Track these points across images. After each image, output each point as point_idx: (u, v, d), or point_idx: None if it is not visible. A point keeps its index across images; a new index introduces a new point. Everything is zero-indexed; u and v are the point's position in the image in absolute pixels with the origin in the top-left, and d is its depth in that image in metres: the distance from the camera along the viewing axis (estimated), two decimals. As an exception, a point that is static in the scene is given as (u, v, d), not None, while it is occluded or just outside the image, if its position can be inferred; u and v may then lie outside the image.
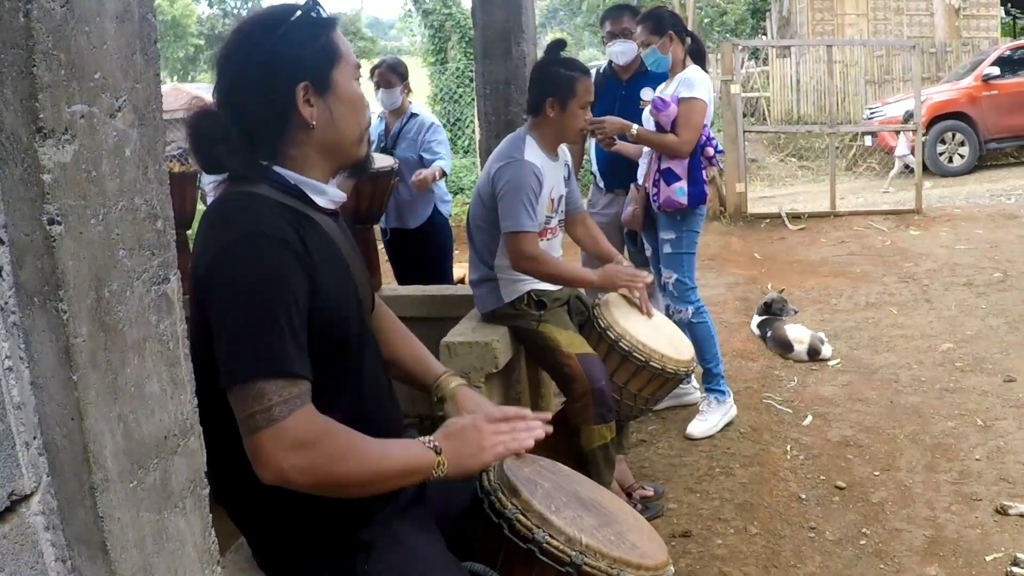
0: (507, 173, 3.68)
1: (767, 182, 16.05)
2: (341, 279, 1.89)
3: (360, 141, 1.95)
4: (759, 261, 8.99)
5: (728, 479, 4.19)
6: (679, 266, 4.73)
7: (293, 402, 1.68)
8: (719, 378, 4.82)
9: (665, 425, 4.92)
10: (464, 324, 4.01)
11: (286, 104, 1.82)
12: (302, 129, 1.85)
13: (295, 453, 1.67)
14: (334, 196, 1.95)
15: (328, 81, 1.84)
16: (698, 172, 4.58)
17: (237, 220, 1.78)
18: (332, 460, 1.71)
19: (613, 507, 2.18)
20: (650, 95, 4.98)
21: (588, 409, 3.69)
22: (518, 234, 3.66)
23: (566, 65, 3.75)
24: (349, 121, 1.89)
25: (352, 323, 1.90)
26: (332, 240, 1.90)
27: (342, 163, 1.97)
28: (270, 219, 1.77)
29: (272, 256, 1.72)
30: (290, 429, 1.67)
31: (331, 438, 1.72)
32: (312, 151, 1.88)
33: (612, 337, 3.69)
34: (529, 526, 1.91)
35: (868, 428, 4.76)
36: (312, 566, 1.90)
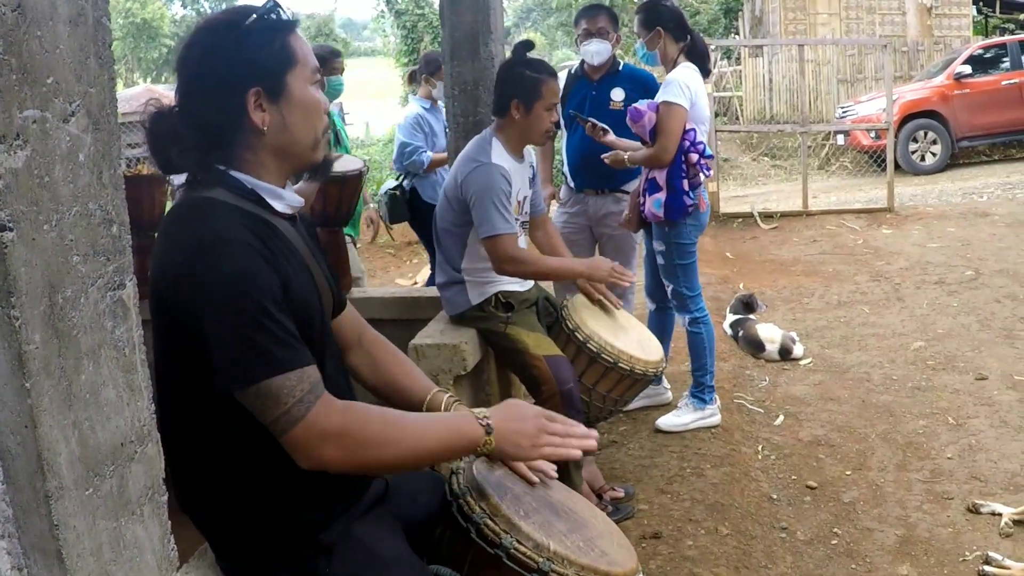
0: (476, 177, 3.66)
1: (740, 181, 16.10)
2: (303, 282, 1.87)
3: (315, 146, 1.92)
4: (731, 260, 9.02)
5: (699, 480, 4.19)
6: (673, 276, 4.70)
7: (308, 398, 1.69)
8: (705, 388, 4.80)
9: (636, 426, 4.91)
10: (432, 326, 3.99)
11: (238, 109, 1.80)
12: (254, 134, 1.83)
13: (330, 445, 1.71)
14: (291, 201, 1.93)
15: (281, 86, 1.83)
16: (678, 182, 4.45)
17: (196, 228, 1.76)
18: (367, 446, 1.74)
19: (584, 512, 2.17)
20: (621, 95, 4.97)
21: (556, 411, 3.66)
22: (496, 238, 3.65)
23: (531, 67, 3.74)
24: (302, 126, 1.87)
25: (315, 325, 1.89)
26: (291, 244, 1.89)
27: (298, 167, 1.95)
28: (228, 224, 1.75)
29: (240, 260, 1.70)
30: (318, 423, 1.69)
31: (361, 425, 1.75)
32: (266, 156, 1.87)
33: (580, 339, 3.69)
34: (497, 531, 1.90)
35: (840, 427, 4.78)
36: (274, 570, 1.88)
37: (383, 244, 11.02)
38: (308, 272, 1.91)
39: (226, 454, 1.83)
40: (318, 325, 1.91)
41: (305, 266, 1.91)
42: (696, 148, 4.48)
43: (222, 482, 1.84)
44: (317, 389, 1.72)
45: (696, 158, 4.47)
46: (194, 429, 1.83)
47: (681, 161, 4.46)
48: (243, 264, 1.70)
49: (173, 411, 1.83)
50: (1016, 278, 7.39)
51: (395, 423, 1.80)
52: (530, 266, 3.73)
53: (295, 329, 1.74)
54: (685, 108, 4.42)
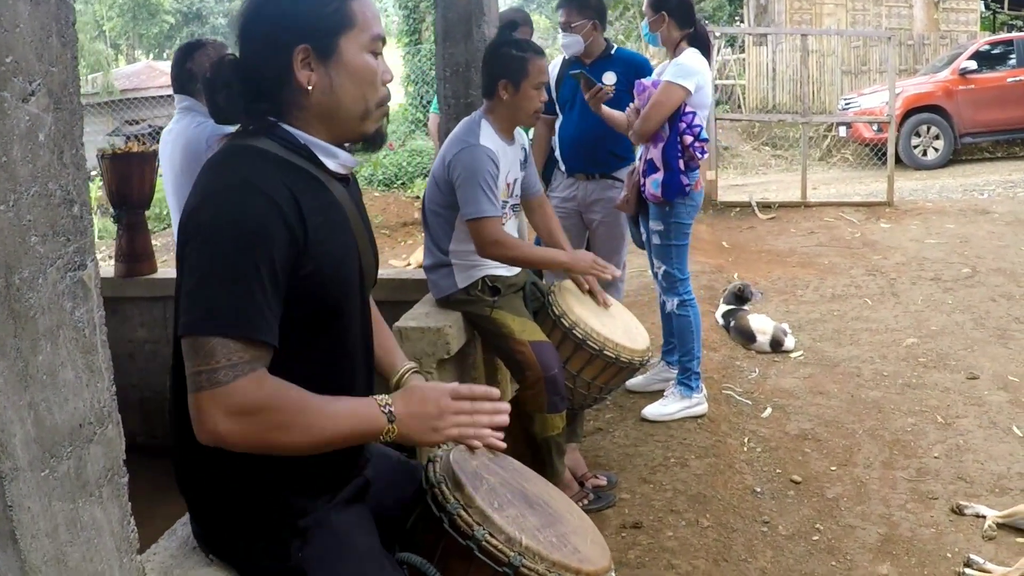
0: (463, 159, 3.64)
1: (740, 170, 16.06)
2: (345, 246, 1.85)
3: (364, 116, 1.86)
4: (727, 250, 8.99)
5: (683, 470, 4.17)
6: (667, 257, 4.69)
7: (241, 367, 1.63)
8: (692, 374, 4.79)
9: (623, 413, 4.90)
10: (418, 309, 3.96)
11: (285, 64, 1.77)
12: (301, 92, 1.80)
13: (233, 419, 1.64)
14: (345, 161, 1.90)
15: (332, 48, 1.79)
16: (674, 162, 4.45)
17: (229, 168, 1.75)
18: (271, 429, 1.68)
19: (559, 507, 2.15)
20: (612, 79, 4.95)
21: (540, 397, 3.67)
22: (480, 220, 3.62)
23: (518, 46, 3.71)
24: (350, 93, 1.82)
25: (350, 293, 1.87)
26: (340, 206, 1.86)
27: (345, 135, 1.90)
28: (263, 172, 1.72)
29: (255, 209, 1.67)
30: (232, 395, 1.63)
31: (274, 408, 1.68)
32: (311, 116, 1.83)
33: (566, 325, 3.67)
34: (469, 522, 1.88)
35: (827, 422, 4.77)
36: (249, 547, 1.87)
37: (378, 224, 10.98)
38: (353, 237, 1.89)
39: None
40: (350, 292, 1.88)
41: (351, 231, 1.88)
42: (692, 131, 4.48)
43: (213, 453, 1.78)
44: (256, 363, 1.66)
45: (691, 140, 4.47)
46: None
47: (676, 142, 4.46)
48: (255, 216, 1.67)
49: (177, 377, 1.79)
50: (1013, 277, 7.36)
51: (308, 408, 1.73)
52: (513, 251, 3.70)
53: (277, 300, 1.69)
54: (686, 91, 4.43)
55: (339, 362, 1.92)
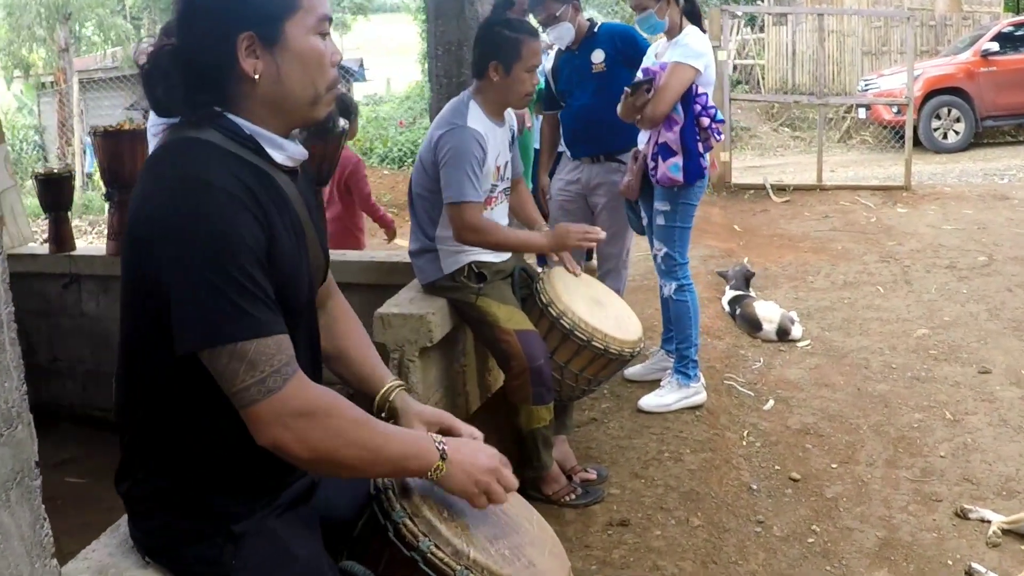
0: (449, 140, 3.49)
1: (758, 151, 15.81)
2: (296, 243, 1.74)
3: (314, 102, 1.75)
4: (738, 234, 8.78)
5: (676, 465, 4.00)
6: (670, 240, 4.52)
7: (284, 371, 1.58)
8: (689, 362, 4.61)
9: (619, 403, 4.73)
10: (403, 295, 3.81)
11: (229, 53, 1.66)
12: (246, 81, 1.69)
13: (297, 422, 1.59)
14: (293, 153, 1.78)
15: (277, 33, 1.67)
16: (693, 145, 4.30)
17: (180, 169, 1.62)
18: (332, 434, 1.63)
19: (518, 515, 2.00)
20: (600, 57, 4.81)
21: (526, 388, 3.52)
22: (460, 204, 3.47)
23: (511, 26, 3.53)
24: (298, 79, 1.71)
25: (302, 291, 1.78)
26: (289, 200, 1.75)
27: (295, 122, 1.80)
28: (217, 167, 1.62)
29: (224, 210, 1.57)
30: (288, 399, 1.58)
31: (329, 411, 1.63)
32: (258, 105, 1.72)
33: (554, 314, 3.51)
34: (415, 532, 1.75)
35: (831, 416, 4.58)
36: (183, 551, 1.77)
37: (387, 203, 10.83)
38: (302, 232, 1.78)
39: (160, 426, 1.73)
40: (303, 290, 1.79)
41: (300, 226, 1.77)
42: (708, 112, 4.34)
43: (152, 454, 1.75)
44: (294, 363, 1.60)
45: (708, 122, 4.33)
46: (138, 396, 1.75)
47: (693, 125, 4.30)
48: (227, 215, 1.57)
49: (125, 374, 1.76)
50: (1031, 266, 7.14)
51: (366, 423, 1.68)
52: (491, 236, 3.55)
53: (274, 294, 1.62)
54: (696, 70, 4.27)
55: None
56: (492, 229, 3.56)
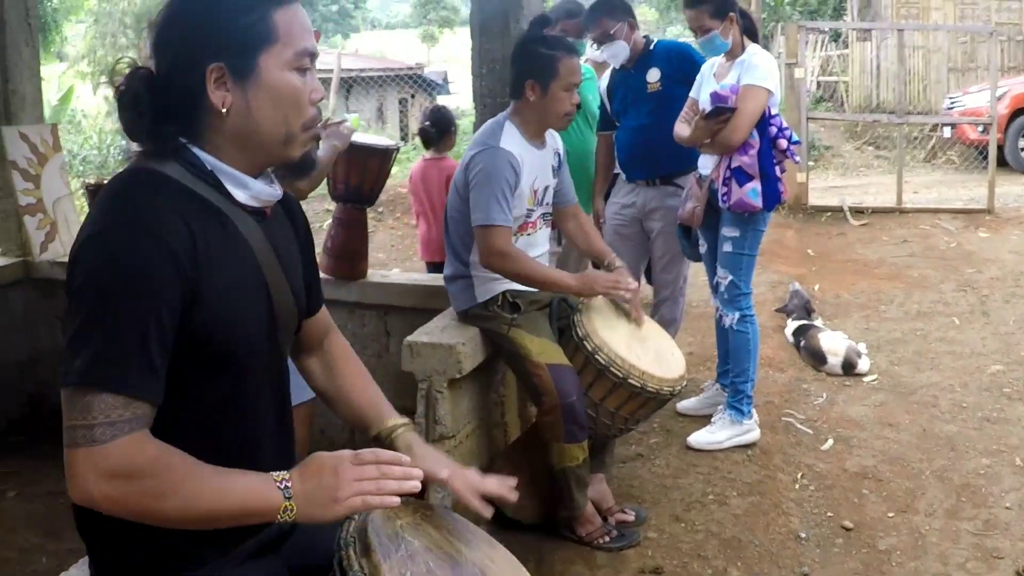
0: (480, 161, 3.36)
1: (841, 171, 15.36)
2: (241, 287, 1.66)
3: (287, 141, 1.67)
4: (811, 259, 8.46)
5: (720, 509, 3.80)
6: (737, 268, 4.33)
7: (120, 426, 1.48)
8: (744, 397, 4.41)
9: (668, 439, 4.53)
10: (436, 322, 3.68)
11: (197, 83, 1.59)
12: (215, 114, 1.62)
13: (109, 482, 1.48)
14: (258, 192, 1.69)
15: (250, 66, 1.60)
16: (771, 169, 4.12)
17: (124, 199, 1.57)
18: (151, 497, 1.51)
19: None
20: (656, 76, 4.63)
21: (557, 425, 3.36)
22: (487, 228, 3.34)
23: (547, 44, 3.39)
24: (269, 115, 1.63)
25: (243, 337, 1.67)
26: (244, 243, 1.67)
27: (265, 161, 1.71)
28: (159, 205, 1.55)
29: (143, 253, 1.50)
30: (109, 456, 1.47)
31: (154, 474, 1.51)
32: (225, 140, 1.65)
33: (589, 348, 3.34)
34: None
35: (892, 459, 4.32)
36: None
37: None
38: (259, 276, 1.70)
39: None
40: (251, 336, 1.69)
41: (255, 269, 1.69)
42: (784, 134, 4.16)
43: None
44: (136, 423, 1.50)
45: (785, 144, 4.15)
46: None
47: (770, 148, 4.12)
48: (142, 261, 1.50)
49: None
50: (1119, 299, 6.74)
51: (195, 478, 1.55)
52: (517, 266, 3.40)
53: (164, 353, 1.53)
54: (769, 92, 4.09)
55: (239, 417, 1.73)
56: (519, 258, 3.41)
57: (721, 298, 4.42)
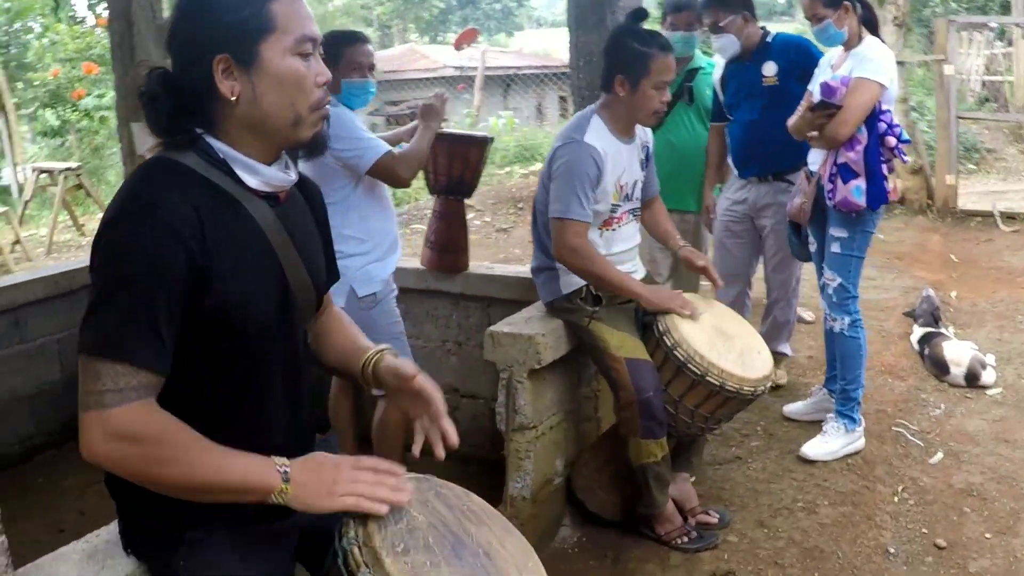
0: (564, 154, 3.35)
1: (1002, 175, 14.61)
2: (253, 269, 1.75)
3: (296, 123, 1.75)
4: (953, 264, 8.09)
5: (808, 517, 3.68)
6: (845, 269, 4.19)
7: (128, 393, 1.61)
8: (854, 404, 4.27)
9: (769, 443, 4.42)
10: (523, 313, 3.70)
11: (207, 75, 1.69)
12: (225, 103, 1.72)
13: (114, 444, 1.61)
14: (270, 178, 1.79)
15: (252, 55, 1.69)
16: (877, 166, 3.95)
17: (140, 186, 1.69)
18: (152, 462, 1.64)
19: (504, 560, 1.82)
20: (772, 70, 4.50)
21: (634, 421, 3.32)
22: (564, 221, 3.33)
23: (641, 39, 3.33)
24: (276, 100, 1.72)
25: (254, 317, 1.76)
26: (256, 227, 1.77)
27: (278, 144, 1.80)
28: (171, 193, 1.66)
29: (152, 236, 1.61)
30: (115, 420, 1.60)
31: (157, 441, 1.63)
32: (238, 127, 1.75)
33: (668, 344, 3.29)
34: (358, 562, 1.66)
35: (1002, 477, 4.09)
36: (148, 548, 1.89)
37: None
38: (272, 258, 1.80)
39: None
40: (263, 319, 1.79)
41: (268, 253, 1.79)
42: (893, 131, 3.98)
43: None
44: (142, 391, 1.62)
45: (894, 142, 3.97)
46: None
47: (878, 145, 3.96)
48: (150, 235, 1.61)
49: None
50: None
51: (197, 449, 1.67)
52: (588, 264, 3.37)
53: (171, 328, 1.65)
54: (881, 86, 3.91)
55: (252, 398, 1.83)
56: (592, 256, 3.38)
57: (829, 301, 4.27)
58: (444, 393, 4.32)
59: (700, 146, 5.05)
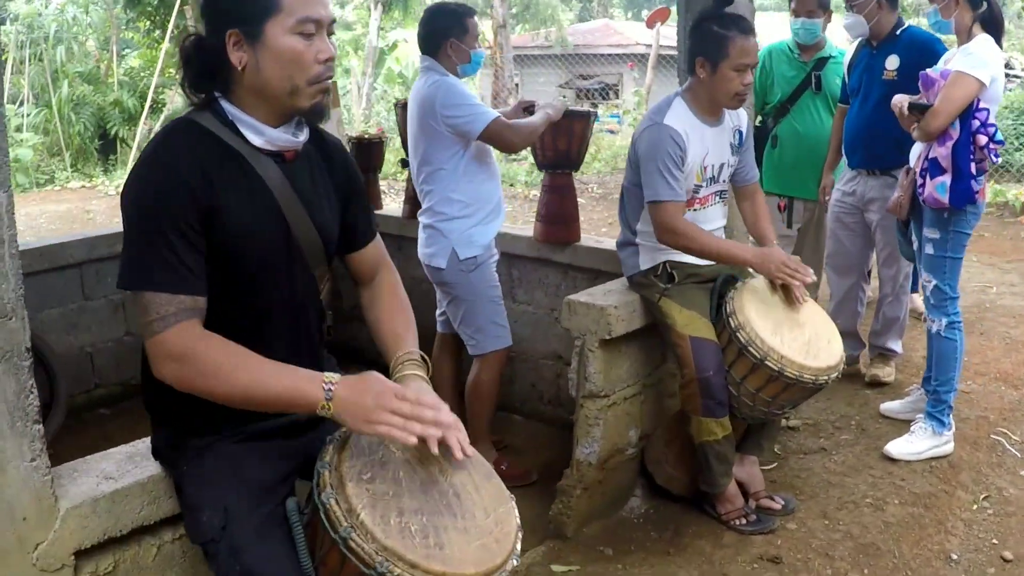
0: (645, 137, 3.44)
1: None
2: (255, 215, 2.00)
3: (292, 93, 1.97)
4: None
5: (874, 513, 3.66)
6: (940, 271, 4.11)
7: (169, 319, 1.87)
8: (944, 406, 4.19)
9: (858, 438, 4.38)
10: (607, 285, 3.81)
11: (221, 45, 1.95)
12: (236, 71, 1.96)
13: (170, 364, 1.88)
14: (274, 139, 2.03)
15: (258, 32, 1.92)
16: (965, 164, 3.85)
17: (156, 143, 1.98)
18: (201, 376, 1.88)
19: (472, 502, 1.92)
20: (895, 63, 4.42)
21: (695, 398, 3.39)
22: (657, 204, 3.40)
23: (722, 22, 3.36)
24: (275, 72, 1.94)
25: (256, 251, 2.01)
26: (260, 180, 2.01)
27: (283, 110, 2.02)
28: (177, 145, 1.95)
29: (157, 179, 1.90)
30: (166, 342, 1.87)
31: (201, 356, 1.87)
32: (246, 93, 1.99)
33: (732, 325, 3.34)
34: (325, 483, 1.85)
35: (1097, 498, 3.94)
36: (165, 455, 2.17)
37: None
38: (278, 212, 2.03)
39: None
40: (262, 258, 2.03)
41: (274, 206, 2.03)
42: (986, 130, 3.87)
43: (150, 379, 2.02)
44: (182, 315, 1.88)
45: (985, 140, 3.86)
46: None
47: (969, 142, 3.86)
48: (159, 181, 1.89)
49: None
50: None
51: (237, 364, 1.89)
52: (691, 241, 3.41)
53: (193, 257, 1.91)
54: (980, 83, 3.81)
55: (252, 325, 2.07)
56: (692, 233, 3.43)
57: (927, 303, 4.20)
58: (548, 360, 4.44)
59: (826, 135, 5.01)
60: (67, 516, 2.05)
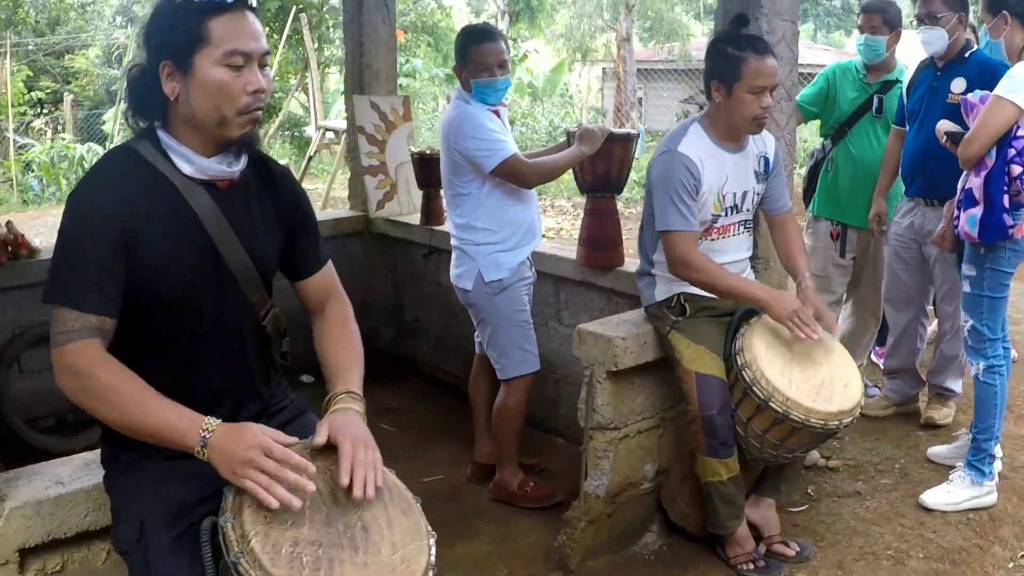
0: (657, 165, 3.35)
1: None
2: (179, 245, 2.06)
3: (221, 124, 2.03)
4: None
5: (894, 567, 3.47)
6: (976, 311, 3.90)
7: (73, 333, 1.94)
8: (984, 455, 3.96)
9: (898, 483, 4.17)
10: (623, 315, 3.73)
11: (156, 76, 2.02)
12: (170, 101, 2.04)
13: (68, 377, 1.96)
14: (205, 168, 2.08)
15: (188, 64, 1.99)
16: (997, 195, 3.62)
17: (93, 172, 2.08)
18: (90, 395, 1.95)
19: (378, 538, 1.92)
20: (961, 87, 4.17)
21: (698, 437, 3.30)
22: (667, 234, 3.32)
23: (736, 43, 3.24)
24: (204, 104, 2.00)
25: (172, 285, 2.06)
26: (189, 208, 2.06)
27: (214, 139, 2.07)
28: (108, 174, 2.05)
29: (84, 204, 1.99)
30: (66, 355, 1.94)
31: (91, 377, 1.94)
32: (180, 122, 2.06)
33: (739, 363, 3.22)
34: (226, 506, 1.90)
35: None
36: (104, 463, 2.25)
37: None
38: (201, 238, 2.08)
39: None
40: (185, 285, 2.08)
41: (201, 235, 2.08)
42: (1022, 159, 3.60)
43: None
44: (85, 332, 1.94)
45: (1020, 171, 3.59)
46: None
47: (1003, 172, 3.62)
48: (85, 206, 1.99)
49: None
50: None
51: (127, 393, 1.95)
52: (702, 275, 3.30)
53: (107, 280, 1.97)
54: (1019, 108, 3.55)
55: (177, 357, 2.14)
56: (704, 266, 3.31)
57: (965, 344, 3.98)
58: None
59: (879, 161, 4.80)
60: (11, 515, 2.23)
